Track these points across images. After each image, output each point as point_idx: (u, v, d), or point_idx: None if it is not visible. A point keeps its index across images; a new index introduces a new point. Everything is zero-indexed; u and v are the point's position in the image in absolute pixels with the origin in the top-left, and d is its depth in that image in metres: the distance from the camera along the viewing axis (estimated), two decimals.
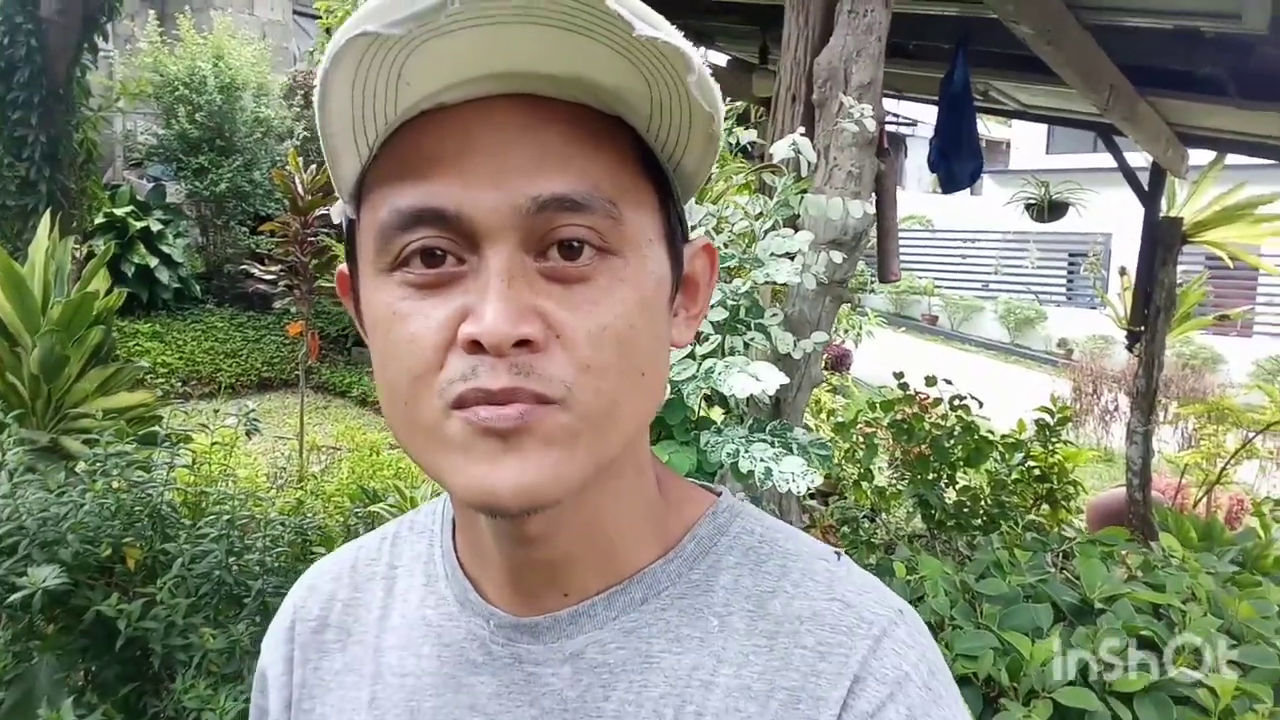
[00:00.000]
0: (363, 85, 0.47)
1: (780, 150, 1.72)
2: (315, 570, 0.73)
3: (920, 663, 0.57)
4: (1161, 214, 5.19)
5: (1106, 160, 5.34)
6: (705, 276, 0.62)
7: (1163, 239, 4.94)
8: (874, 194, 2.03)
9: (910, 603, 0.62)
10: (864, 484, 4.27)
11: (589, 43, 0.47)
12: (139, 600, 2.36)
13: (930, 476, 3.74)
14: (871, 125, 1.78)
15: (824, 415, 5.96)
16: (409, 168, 0.50)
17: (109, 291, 3.77)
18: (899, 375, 4.13)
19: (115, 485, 2.56)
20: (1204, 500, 5.21)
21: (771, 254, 1.67)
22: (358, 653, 0.66)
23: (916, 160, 20.61)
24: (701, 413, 1.83)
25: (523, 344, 0.48)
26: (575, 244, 0.50)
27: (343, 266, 0.61)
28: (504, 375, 0.48)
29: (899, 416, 3.99)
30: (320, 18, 6.23)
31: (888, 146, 2.15)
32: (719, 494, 0.66)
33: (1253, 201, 5.25)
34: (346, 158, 0.52)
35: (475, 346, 0.48)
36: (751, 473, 1.49)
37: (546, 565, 0.58)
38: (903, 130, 20.55)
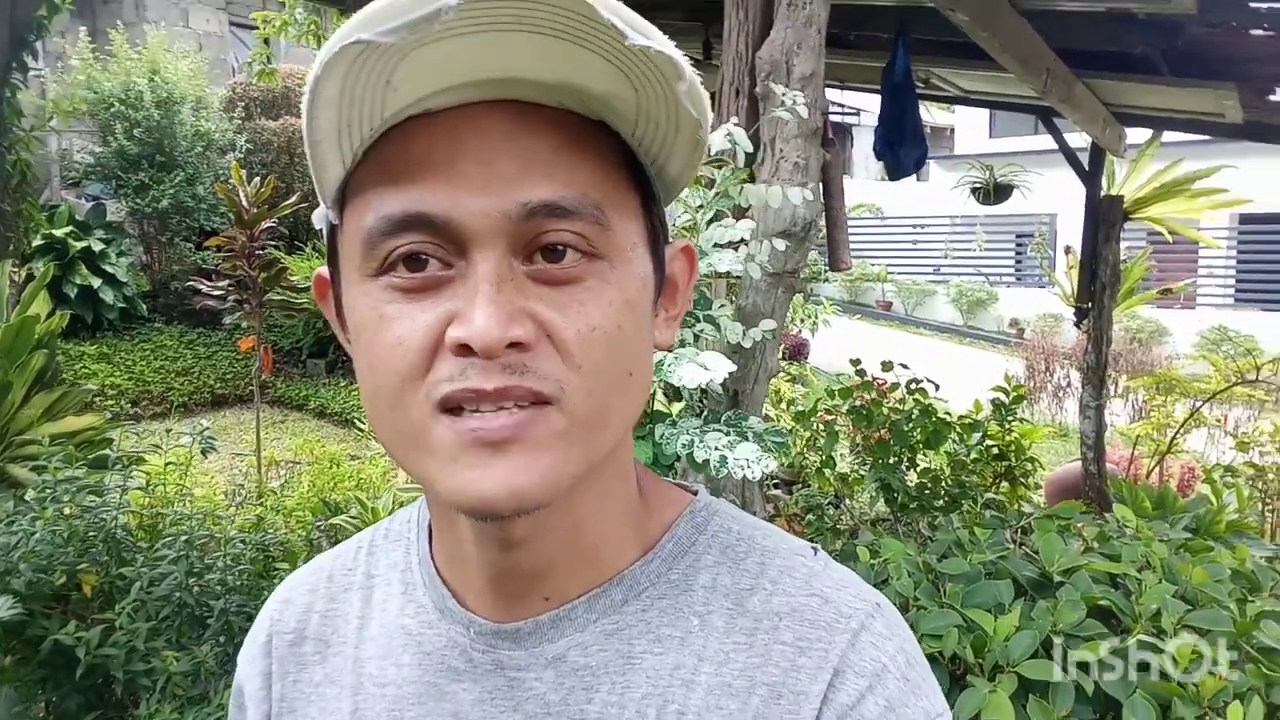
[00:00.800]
0: (350, 92, 0.47)
1: (716, 141, 1.73)
2: (290, 583, 0.72)
3: (898, 654, 0.57)
4: (1102, 193, 5.29)
5: (1048, 142, 5.45)
6: (685, 278, 0.63)
7: (1104, 217, 5.04)
8: (821, 184, 2.05)
9: (875, 586, 0.63)
10: (826, 471, 4.31)
11: (579, 50, 0.47)
12: (97, 627, 2.32)
13: (891, 460, 3.79)
14: (805, 112, 1.79)
15: (784, 405, 6.02)
16: (396, 173, 0.50)
17: (51, 314, 3.68)
18: (856, 362, 4.17)
19: (67, 511, 2.51)
20: (1156, 470, 5.33)
21: (714, 244, 1.68)
22: (337, 664, 0.66)
23: (863, 149, 20.85)
24: (661, 408, 1.84)
25: (513, 345, 0.48)
26: (559, 248, 0.50)
27: (321, 270, 0.61)
28: (497, 375, 0.48)
29: (858, 403, 4.03)
30: (257, 28, 6.12)
31: (833, 137, 2.17)
32: (696, 493, 0.67)
33: (1189, 177, 5.38)
34: (331, 163, 0.52)
35: (464, 350, 0.48)
36: (707, 462, 1.50)
37: (529, 570, 0.58)
38: (848, 120, 20.76)
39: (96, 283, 9.26)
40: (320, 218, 0.57)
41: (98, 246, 9.41)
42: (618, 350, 0.52)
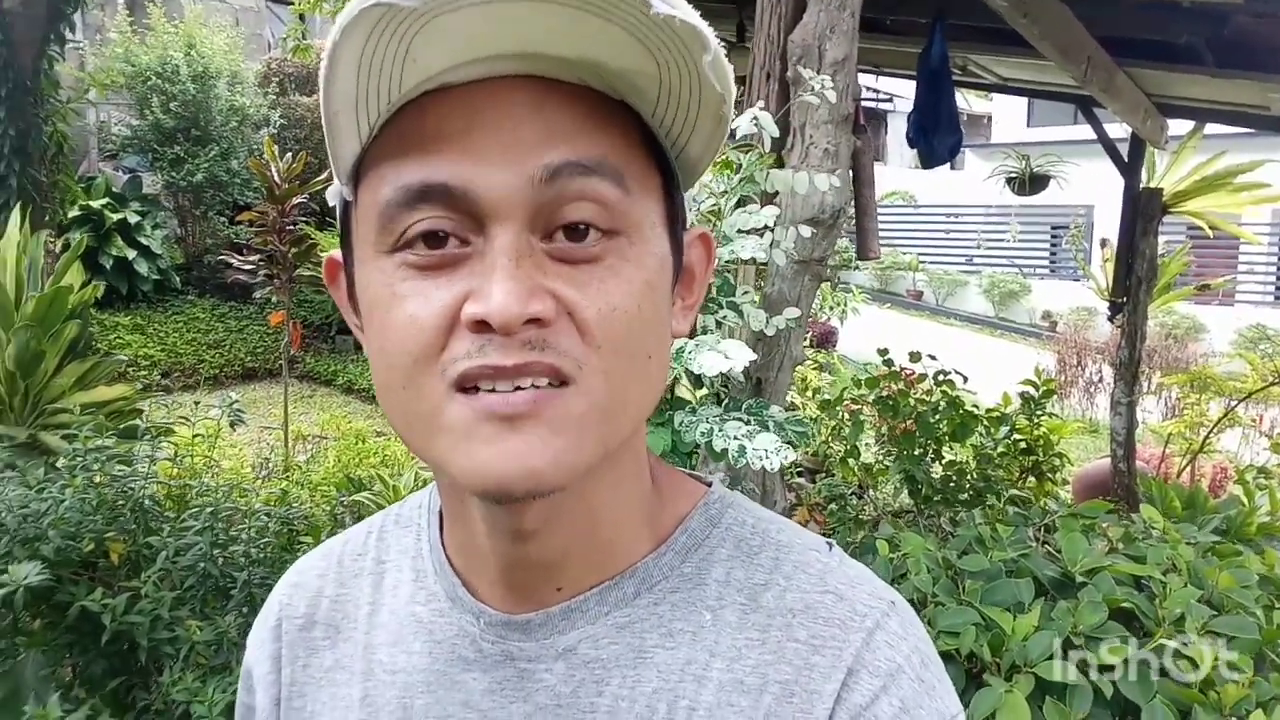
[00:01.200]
0: (369, 61, 0.46)
1: (742, 125, 1.70)
2: (300, 566, 0.72)
3: (913, 654, 0.57)
4: (1142, 185, 5.19)
5: (1087, 132, 5.34)
6: (702, 266, 0.61)
7: (1143, 210, 4.95)
8: (851, 171, 2.02)
9: (893, 581, 0.62)
10: (851, 461, 4.29)
11: (602, 24, 0.46)
12: (124, 594, 2.35)
13: (916, 452, 3.76)
14: (834, 97, 1.76)
15: (810, 393, 5.99)
16: (413, 145, 0.49)
17: (85, 285, 3.73)
18: (883, 352, 4.13)
19: (96, 480, 2.54)
20: (1188, 469, 5.25)
21: (738, 230, 1.66)
22: (348, 649, 0.65)
23: (898, 136, 20.60)
24: (685, 394, 1.83)
25: (532, 322, 0.47)
26: (581, 227, 0.49)
27: (332, 253, 0.60)
28: (515, 351, 0.47)
29: (884, 393, 3.99)
30: (293, 3, 6.14)
31: (864, 123, 2.14)
32: (710, 485, 0.66)
33: (1232, 170, 5.26)
34: (347, 137, 0.51)
35: (481, 326, 0.47)
36: (725, 451, 1.49)
37: (541, 560, 0.57)
38: (882, 106, 20.53)
39: (131, 254, 9.39)
40: (335, 194, 0.56)
41: (133, 219, 9.54)
42: (638, 332, 0.51)
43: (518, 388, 0.48)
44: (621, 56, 0.48)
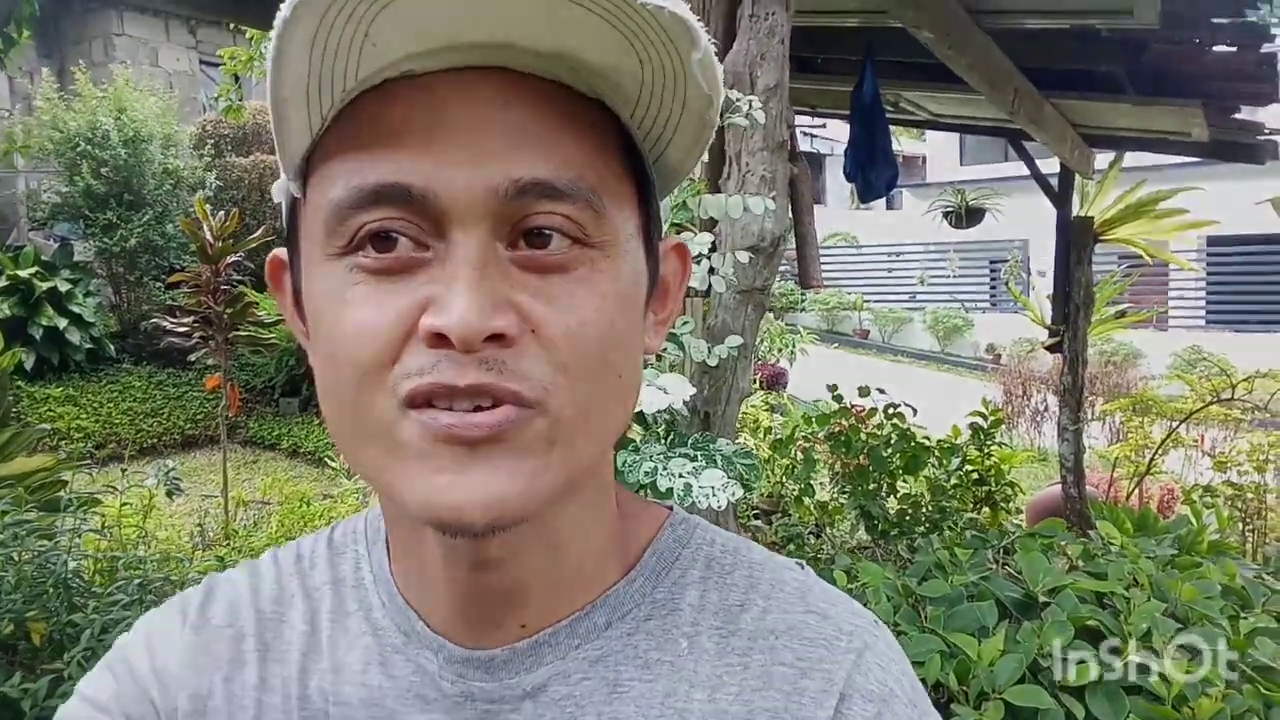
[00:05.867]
0: (324, 44, 0.41)
1: None
2: (219, 576, 0.63)
3: (903, 677, 0.54)
4: (1073, 215, 5.33)
5: (1018, 169, 5.50)
6: (677, 278, 0.58)
7: (1076, 238, 5.07)
8: (789, 200, 2.01)
9: None
10: (806, 500, 4.25)
11: (582, 12, 0.42)
12: (46, 677, 2.21)
13: (870, 487, 3.75)
14: (763, 119, 1.75)
15: (762, 433, 5.97)
16: (371, 140, 0.44)
17: (1, 353, 3.58)
18: (833, 388, 4.13)
19: (16, 557, 2.41)
20: (1135, 492, 5.31)
21: None
22: (277, 671, 0.58)
23: (837, 180, 21.05)
24: (630, 433, 1.77)
25: (493, 338, 0.43)
26: (546, 231, 0.45)
27: (277, 251, 0.55)
28: (471, 371, 0.43)
29: (835, 429, 3.98)
30: (225, 64, 6.07)
31: (800, 152, 2.13)
32: (671, 509, 0.63)
33: (1154, 197, 5.43)
34: (297, 127, 0.46)
35: (439, 340, 0.43)
36: (671, 490, 1.43)
37: (503, 592, 0.53)
38: (821, 150, 21.00)
39: (63, 323, 9.11)
40: (280, 190, 0.51)
41: (64, 287, 9.28)
42: (608, 350, 0.47)
43: (477, 407, 0.43)
44: (601, 50, 0.44)
